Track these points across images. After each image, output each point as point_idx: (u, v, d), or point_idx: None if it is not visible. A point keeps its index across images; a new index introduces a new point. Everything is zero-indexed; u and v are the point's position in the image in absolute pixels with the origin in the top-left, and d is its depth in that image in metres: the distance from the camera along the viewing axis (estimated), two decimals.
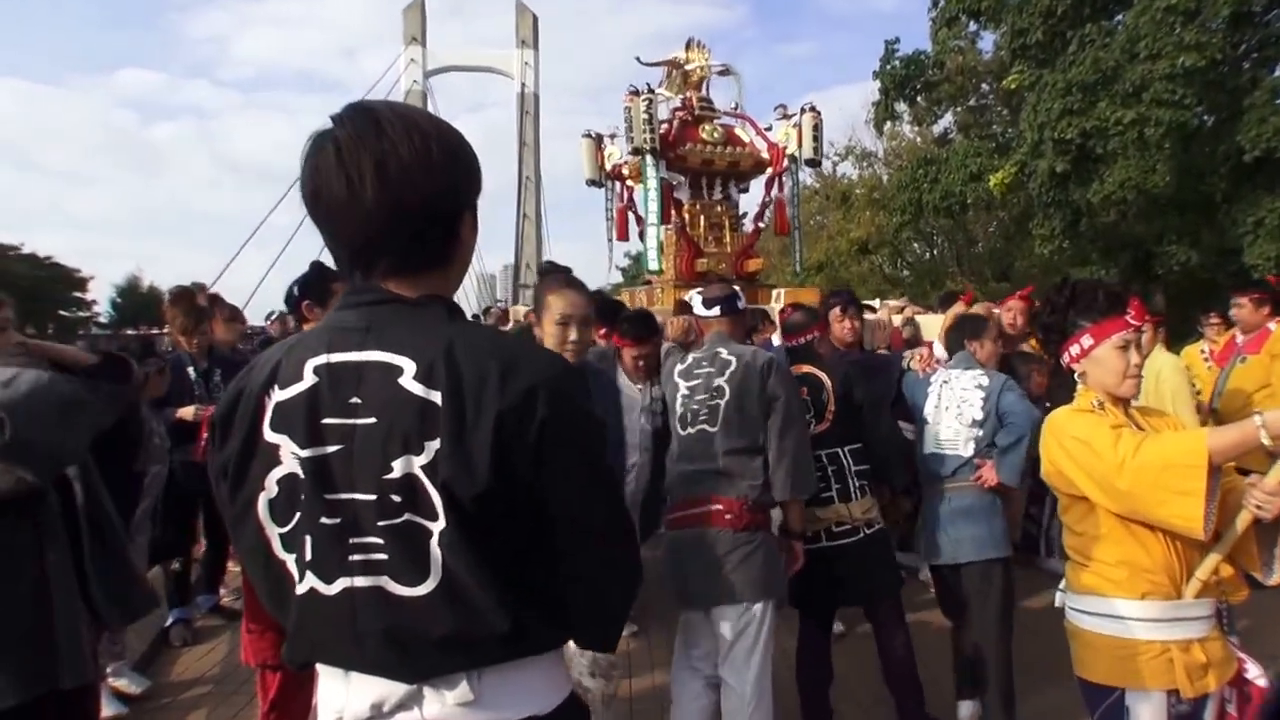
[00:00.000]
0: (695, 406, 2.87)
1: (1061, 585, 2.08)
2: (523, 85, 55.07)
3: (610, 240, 9.00)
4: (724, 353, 2.86)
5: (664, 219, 7.42)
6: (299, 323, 3.06)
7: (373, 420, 0.96)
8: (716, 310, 2.98)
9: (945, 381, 3.29)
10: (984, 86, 19.37)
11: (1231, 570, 1.85)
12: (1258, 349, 4.82)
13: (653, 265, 7.61)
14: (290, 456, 0.99)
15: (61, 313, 44.71)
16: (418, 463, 0.94)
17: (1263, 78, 11.32)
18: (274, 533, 1.01)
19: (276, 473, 1.00)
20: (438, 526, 0.94)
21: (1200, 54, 10.63)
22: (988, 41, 17.52)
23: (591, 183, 8.30)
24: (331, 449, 0.97)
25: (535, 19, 56.12)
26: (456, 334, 0.98)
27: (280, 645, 1.13)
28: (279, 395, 1.00)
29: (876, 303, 8.46)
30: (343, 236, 1.00)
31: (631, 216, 8.43)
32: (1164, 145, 11.17)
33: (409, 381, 0.95)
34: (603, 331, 4.22)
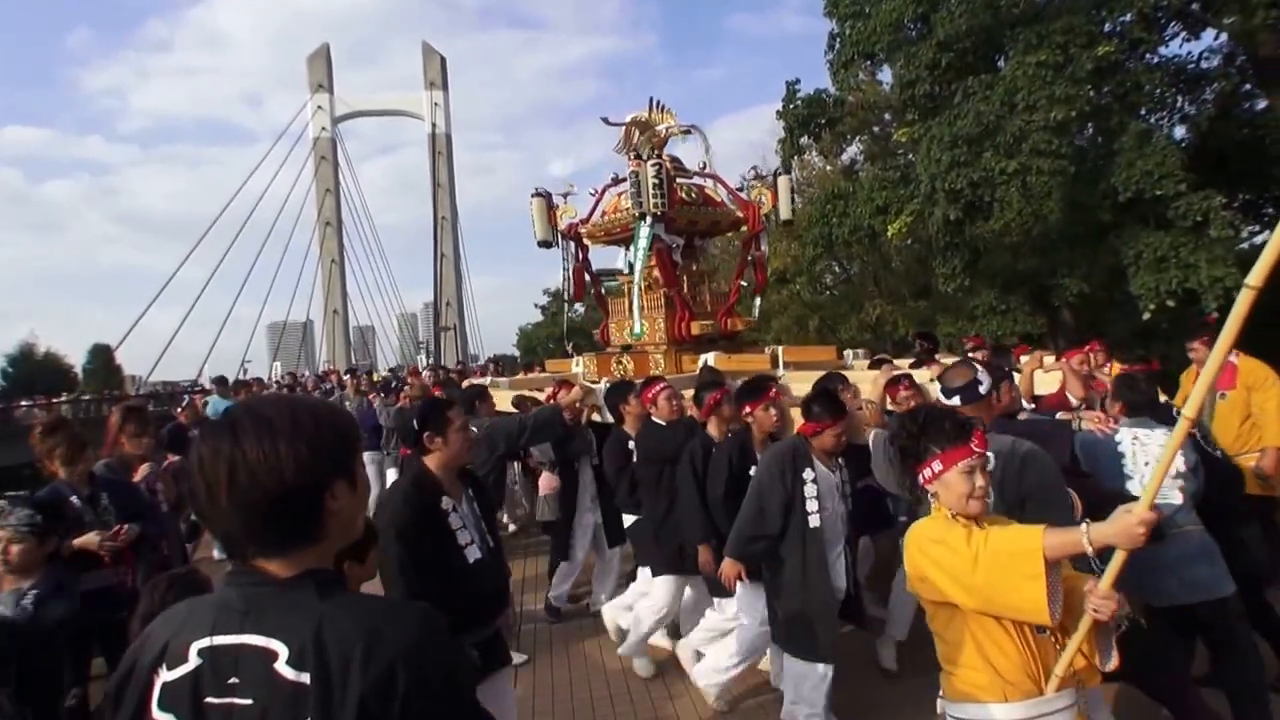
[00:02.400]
0: None
1: (941, 692, 2.29)
2: (433, 126, 55.65)
3: (567, 302, 8.76)
4: None
5: (667, 282, 7.32)
6: (422, 453, 3.14)
7: (250, 701, 1.07)
8: (957, 400, 3.02)
9: (1136, 439, 3.55)
10: (886, 116, 20.05)
11: (1084, 661, 2.08)
12: (1231, 384, 5.15)
13: (637, 329, 7.45)
14: None
15: None
16: None
17: (1129, 122, 12.08)
18: None
19: None
20: None
21: (1070, 106, 11.33)
22: (888, 74, 18.09)
23: (543, 244, 7.97)
24: None
25: (443, 60, 56.59)
26: (326, 614, 1.10)
27: None
28: (166, 676, 1.12)
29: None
30: (212, 530, 1.17)
31: (588, 276, 8.25)
32: (1046, 186, 11.84)
33: (282, 666, 1.06)
34: (745, 410, 4.32)
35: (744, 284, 8.34)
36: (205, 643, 1.11)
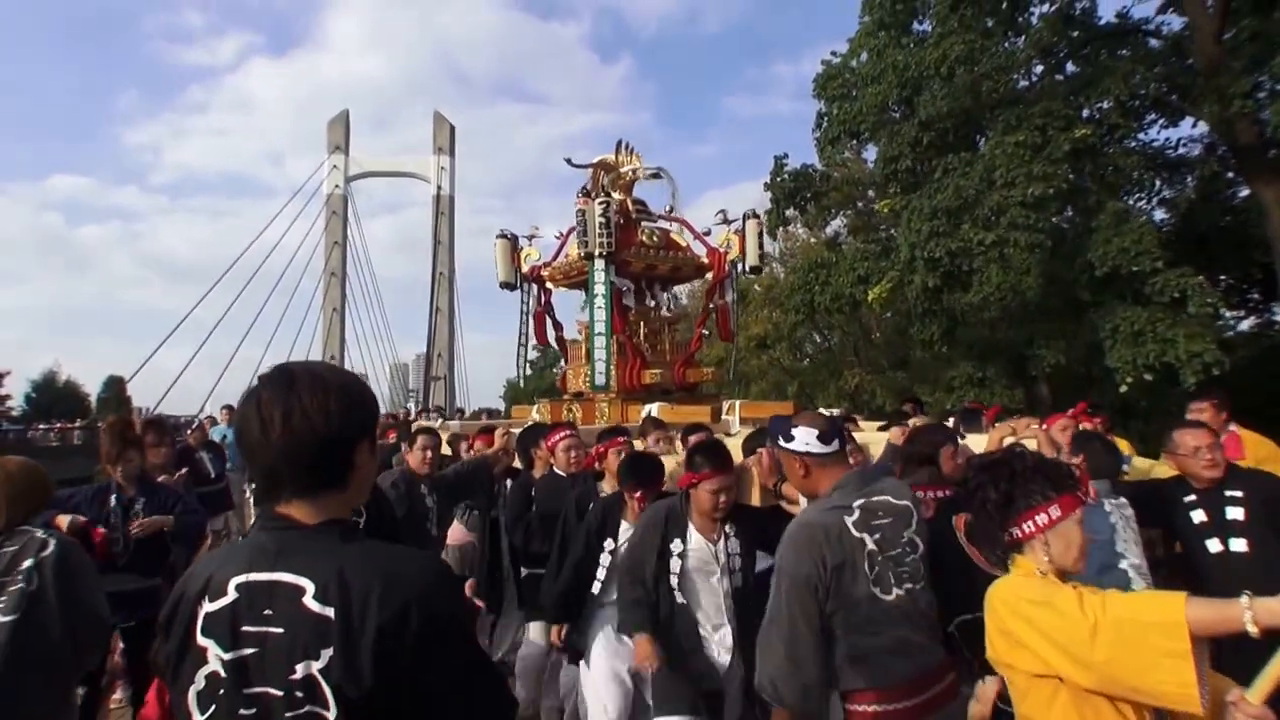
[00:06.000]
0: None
1: None
2: (438, 188, 57.77)
3: (523, 344, 8.30)
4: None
5: (613, 328, 6.93)
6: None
7: (281, 630, 1.21)
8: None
9: (1120, 509, 3.11)
10: (870, 192, 20.42)
11: None
12: (1241, 455, 4.64)
13: (600, 380, 6.93)
14: (215, 658, 1.24)
15: None
16: (315, 667, 1.19)
17: (1105, 201, 12.31)
18: (199, 719, 1.25)
19: (204, 670, 1.25)
20: (332, 714, 1.18)
21: (1047, 184, 11.53)
22: (872, 152, 18.52)
23: (505, 285, 7.79)
24: (248, 651, 1.22)
25: (452, 128, 59.04)
26: (347, 557, 1.25)
27: None
28: (208, 606, 1.25)
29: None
30: (257, 464, 1.29)
31: (549, 321, 8.06)
32: (1025, 263, 11.98)
33: (309, 600, 1.20)
34: (638, 495, 3.61)
35: (705, 333, 8.07)
36: (242, 579, 1.25)
